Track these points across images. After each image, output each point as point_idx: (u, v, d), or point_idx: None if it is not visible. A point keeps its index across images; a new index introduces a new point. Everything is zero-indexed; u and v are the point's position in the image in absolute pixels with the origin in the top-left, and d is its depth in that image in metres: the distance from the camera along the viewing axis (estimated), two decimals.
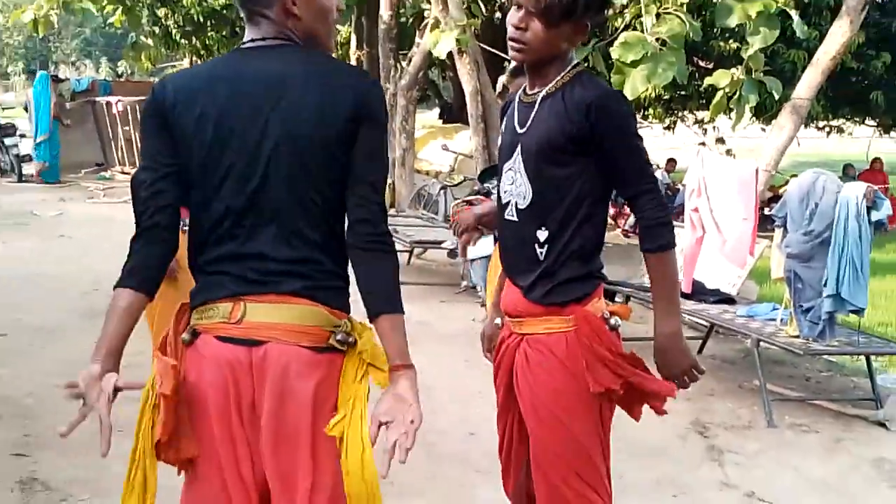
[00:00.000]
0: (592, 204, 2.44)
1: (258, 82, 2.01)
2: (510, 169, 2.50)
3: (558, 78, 2.43)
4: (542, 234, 2.44)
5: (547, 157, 2.41)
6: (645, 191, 2.41)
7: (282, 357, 1.98)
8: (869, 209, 5.33)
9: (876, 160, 17.39)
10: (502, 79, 4.54)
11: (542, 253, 2.44)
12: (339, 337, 2.03)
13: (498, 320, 2.78)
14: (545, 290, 2.45)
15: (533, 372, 2.48)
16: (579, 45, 2.60)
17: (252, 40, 2.09)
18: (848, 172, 16.36)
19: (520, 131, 2.48)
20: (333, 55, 2.34)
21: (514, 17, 2.42)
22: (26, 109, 17.91)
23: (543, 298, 2.46)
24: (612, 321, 2.49)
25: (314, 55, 2.11)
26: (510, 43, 2.46)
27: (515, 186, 2.48)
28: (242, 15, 2.14)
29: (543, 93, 2.44)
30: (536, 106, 2.46)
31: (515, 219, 2.49)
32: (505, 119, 2.60)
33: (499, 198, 2.57)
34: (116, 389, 2.05)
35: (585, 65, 2.46)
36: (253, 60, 2.06)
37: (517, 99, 2.55)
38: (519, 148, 2.47)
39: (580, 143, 2.38)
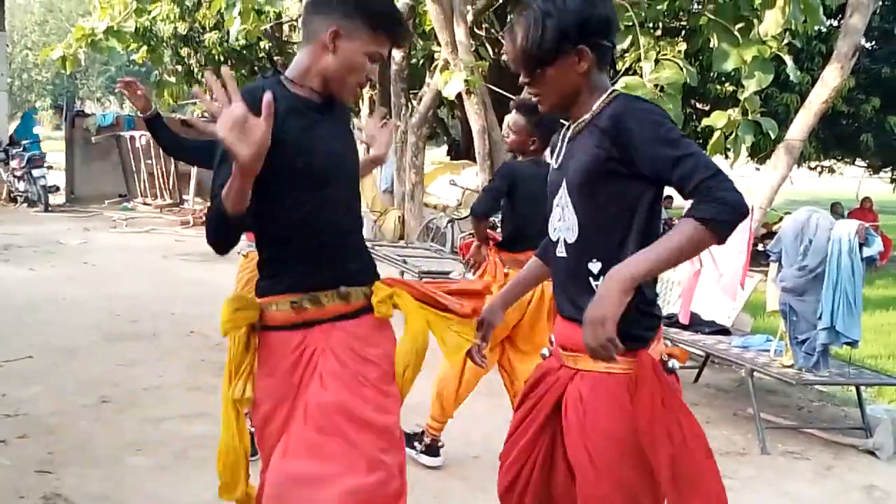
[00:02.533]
0: (643, 226, 2.23)
1: None
2: (557, 205, 2.35)
3: (594, 108, 2.25)
4: (595, 266, 2.26)
5: (587, 185, 2.25)
6: (708, 177, 2.03)
7: None
8: (861, 246, 5.36)
9: (866, 199, 17.42)
10: (508, 118, 4.53)
11: (597, 286, 2.17)
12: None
13: (545, 351, 2.54)
14: None
15: (588, 412, 2.28)
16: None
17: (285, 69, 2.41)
18: (836, 210, 16.37)
19: (562, 166, 2.35)
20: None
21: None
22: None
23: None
24: (670, 364, 2.29)
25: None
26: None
27: (564, 222, 2.33)
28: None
29: (578, 124, 2.30)
30: (574, 138, 2.32)
31: (565, 254, 2.33)
32: (553, 156, 2.44)
33: (548, 235, 2.41)
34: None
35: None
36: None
37: (560, 134, 2.41)
38: (564, 182, 2.31)
39: (617, 161, 2.18)
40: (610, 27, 2.28)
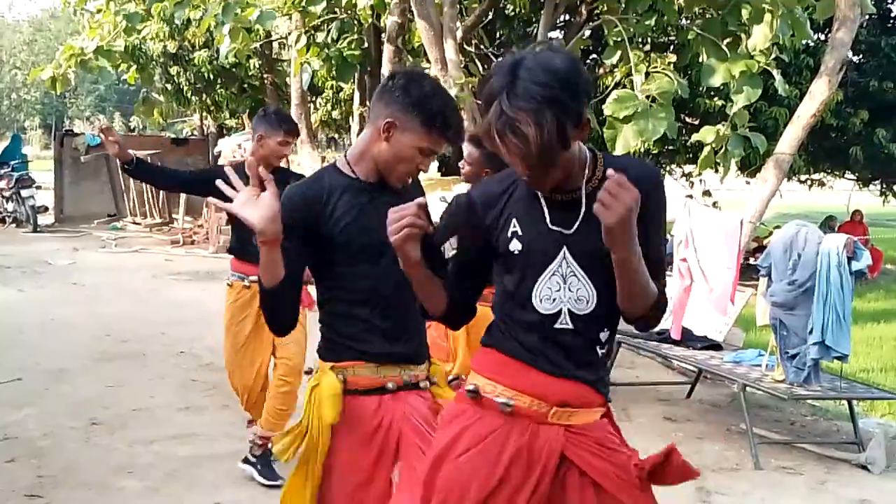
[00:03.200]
0: None
1: None
2: (554, 274, 2.10)
3: (596, 169, 2.08)
4: (605, 335, 2.16)
5: (608, 253, 2.04)
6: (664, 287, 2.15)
7: None
8: (850, 259, 5.38)
9: (856, 212, 17.49)
10: (464, 148, 4.28)
11: (601, 352, 2.16)
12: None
13: (506, 402, 2.19)
14: (602, 379, 2.20)
15: (608, 452, 2.16)
16: None
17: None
18: (830, 224, 16.44)
19: (566, 231, 2.08)
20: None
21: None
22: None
23: (604, 388, 2.20)
24: None
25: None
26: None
27: (567, 292, 2.10)
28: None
29: (588, 188, 2.08)
30: (583, 201, 2.08)
31: (570, 326, 2.10)
32: (516, 216, 2.11)
33: (532, 311, 2.12)
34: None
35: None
36: None
37: (535, 195, 2.11)
38: (566, 250, 2.08)
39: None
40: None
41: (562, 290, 2.10)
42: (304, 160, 15.54)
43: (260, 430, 4.53)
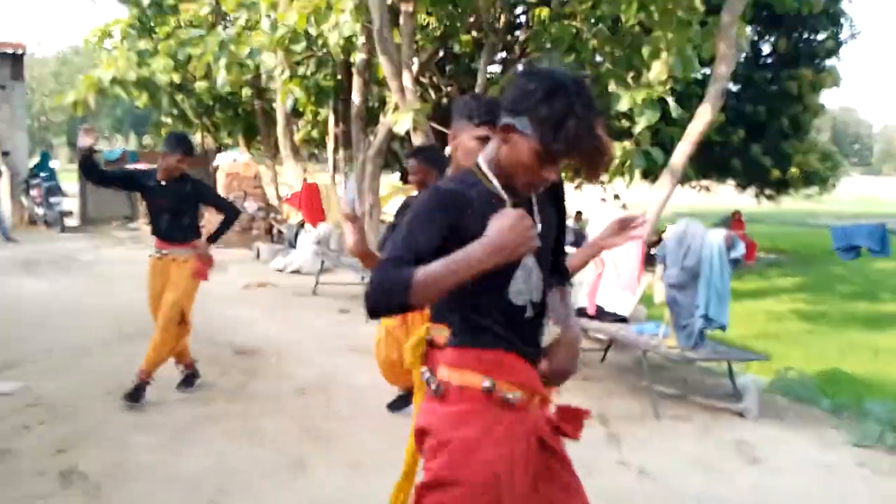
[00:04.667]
0: None
1: None
2: (523, 268, 1.96)
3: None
4: (545, 319, 2.08)
5: (555, 248, 2.11)
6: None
7: None
8: (728, 249, 5.48)
9: (736, 212, 17.77)
10: (408, 165, 4.10)
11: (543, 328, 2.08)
12: None
13: (513, 396, 1.98)
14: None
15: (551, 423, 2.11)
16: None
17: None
18: (735, 218, 16.71)
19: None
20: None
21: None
22: None
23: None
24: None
25: None
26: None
27: (531, 284, 1.99)
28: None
29: (538, 191, 2.00)
30: (535, 204, 2.03)
31: (532, 314, 2.00)
32: (490, 217, 1.78)
33: (507, 304, 1.97)
34: None
35: None
36: None
37: (498, 198, 1.94)
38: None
39: None
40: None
41: (527, 284, 1.98)
42: (288, 172, 15.44)
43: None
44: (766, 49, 17.12)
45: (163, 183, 5.02)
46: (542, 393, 2.02)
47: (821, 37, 16.66)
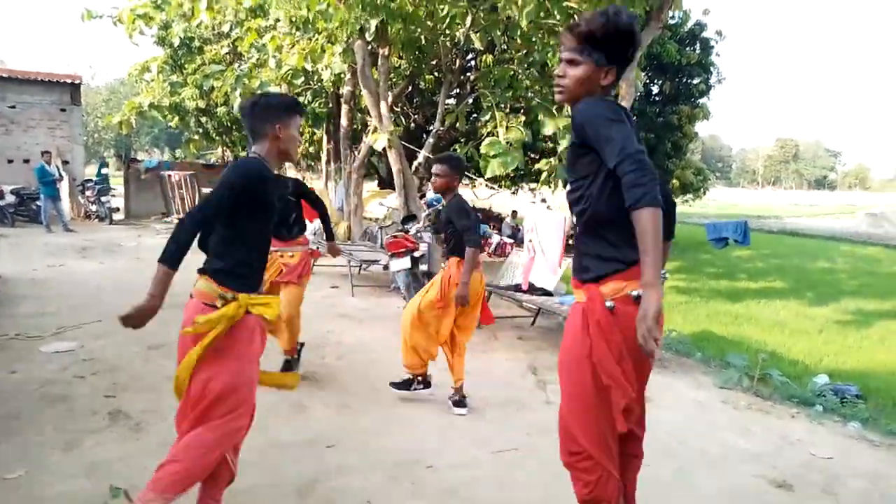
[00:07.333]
0: None
1: None
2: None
3: None
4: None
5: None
6: (624, 157, 1.81)
7: None
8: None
9: None
10: (434, 168, 3.95)
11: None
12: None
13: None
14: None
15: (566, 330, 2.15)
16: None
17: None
18: None
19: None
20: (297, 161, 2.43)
21: (558, 69, 1.98)
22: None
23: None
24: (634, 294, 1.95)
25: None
26: (555, 89, 2.00)
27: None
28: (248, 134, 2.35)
29: None
30: None
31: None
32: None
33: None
34: None
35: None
36: None
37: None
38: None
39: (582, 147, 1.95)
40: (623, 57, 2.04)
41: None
42: None
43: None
44: (654, 89, 17.31)
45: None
46: None
47: (695, 81, 16.90)
